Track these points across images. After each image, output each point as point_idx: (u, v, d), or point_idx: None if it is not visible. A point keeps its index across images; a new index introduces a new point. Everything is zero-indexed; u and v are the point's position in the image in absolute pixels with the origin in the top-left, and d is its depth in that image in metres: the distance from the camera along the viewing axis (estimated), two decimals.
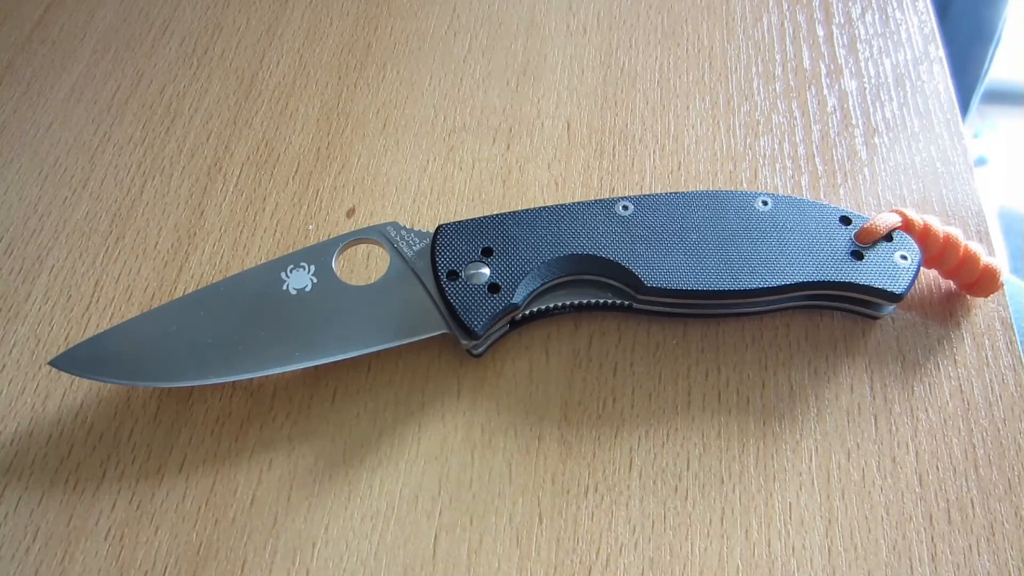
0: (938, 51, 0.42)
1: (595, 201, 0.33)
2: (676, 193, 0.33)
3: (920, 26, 0.43)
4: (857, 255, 0.31)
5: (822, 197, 0.37)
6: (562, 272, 0.32)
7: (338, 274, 0.32)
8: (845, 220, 0.32)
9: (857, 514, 0.29)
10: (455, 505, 0.29)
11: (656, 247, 0.32)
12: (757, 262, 0.31)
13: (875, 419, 0.31)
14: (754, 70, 0.41)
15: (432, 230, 0.33)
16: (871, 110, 0.39)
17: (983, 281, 0.32)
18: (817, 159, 0.38)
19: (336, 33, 0.44)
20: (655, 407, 0.31)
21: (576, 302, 0.32)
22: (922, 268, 0.33)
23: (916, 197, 0.37)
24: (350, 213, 0.37)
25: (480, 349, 0.32)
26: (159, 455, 0.31)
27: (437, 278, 0.31)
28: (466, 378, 0.32)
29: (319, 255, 0.32)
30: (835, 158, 0.38)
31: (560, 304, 0.32)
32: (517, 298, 0.31)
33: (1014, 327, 0.33)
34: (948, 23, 0.77)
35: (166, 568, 0.28)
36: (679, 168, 0.38)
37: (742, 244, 0.32)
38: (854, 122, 0.39)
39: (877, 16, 0.43)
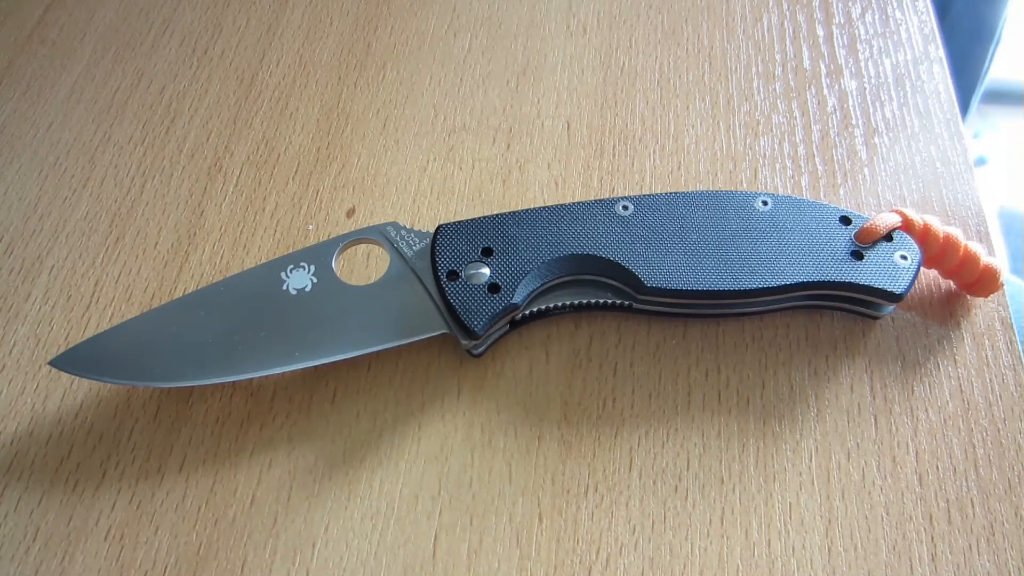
0: (938, 51, 0.42)
1: (595, 201, 0.33)
2: (676, 193, 0.33)
3: (920, 26, 0.43)
4: (857, 255, 0.31)
5: (822, 197, 0.37)
6: (562, 272, 0.32)
7: (338, 274, 0.32)
8: (845, 220, 0.32)
9: (857, 514, 0.29)
10: (455, 505, 0.29)
11: (656, 247, 0.32)
12: (757, 262, 0.31)
13: (875, 419, 0.31)
14: (754, 70, 0.41)
15: (432, 230, 0.33)
16: (871, 110, 0.39)
17: (983, 281, 0.32)
18: (817, 159, 0.38)
19: (336, 33, 0.44)
20: (655, 407, 0.31)
21: (576, 302, 0.32)
22: (922, 268, 0.33)
23: (916, 197, 0.37)
24: (350, 213, 0.37)
25: (480, 349, 0.32)
26: (159, 455, 0.31)
27: (437, 278, 0.31)
28: (466, 378, 0.32)
29: (319, 255, 0.32)
30: (835, 158, 0.38)
31: (560, 304, 0.32)
32: (517, 298, 0.31)
33: (1014, 327, 0.33)
34: (948, 23, 0.77)
35: (166, 568, 0.29)
36: (679, 168, 0.38)
37: (742, 244, 0.32)
38: (854, 122, 0.39)
39: (877, 16, 0.43)
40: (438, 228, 0.32)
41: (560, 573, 0.28)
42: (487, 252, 0.32)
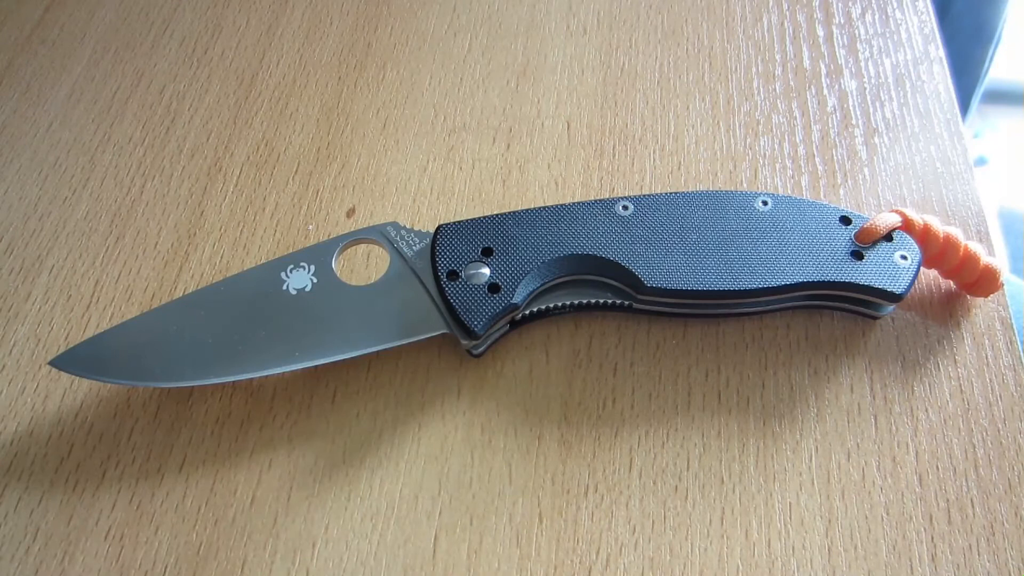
0: (938, 51, 0.42)
1: (595, 201, 0.33)
2: (676, 193, 0.33)
3: (920, 26, 0.43)
4: (857, 255, 0.31)
5: (822, 197, 0.37)
6: (562, 272, 0.32)
7: (338, 274, 0.32)
8: (845, 220, 0.32)
9: (857, 514, 0.29)
10: (455, 505, 0.29)
11: (656, 247, 0.32)
12: (757, 262, 0.31)
13: (875, 419, 0.31)
14: (754, 70, 0.41)
15: (432, 230, 0.33)
16: (871, 110, 0.39)
17: (983, 281, 0.32)
18: (817, 159, 0.38)
19: (336, 33, 0.44)
20: (655, 407, 0.31)
21: (576, 302, 0.32)
22: (922, 268, 0.33)
23: (916, 197, 0.37)
24: (350, 213, 0.37)
25: (480, 349, 0.32)
26: (159, 455, 0.31)
27: (437, 278, 0.31)
28: (466, 378, 0.32)
29: (319, 255, 0.32)
30: (835, 158, 0.38)
31: (560, 304, 0.32)
32: (517, 298, 0.31)
33: (1014, 327, 0.33)
34: (948, 23, 0.77)
35: (166, 568, 0.29)
36: (679, 168, 0.38)
37: (742, 244, 0.32)
38: (854, 122, 0.39)
39: (877, 16, 0.43)
40: (438, 228, 0.32)
41: (560, 573, 0.28)
42: (487, 252, 0.32)
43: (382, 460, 0.30)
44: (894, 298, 0.31)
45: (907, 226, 0.32)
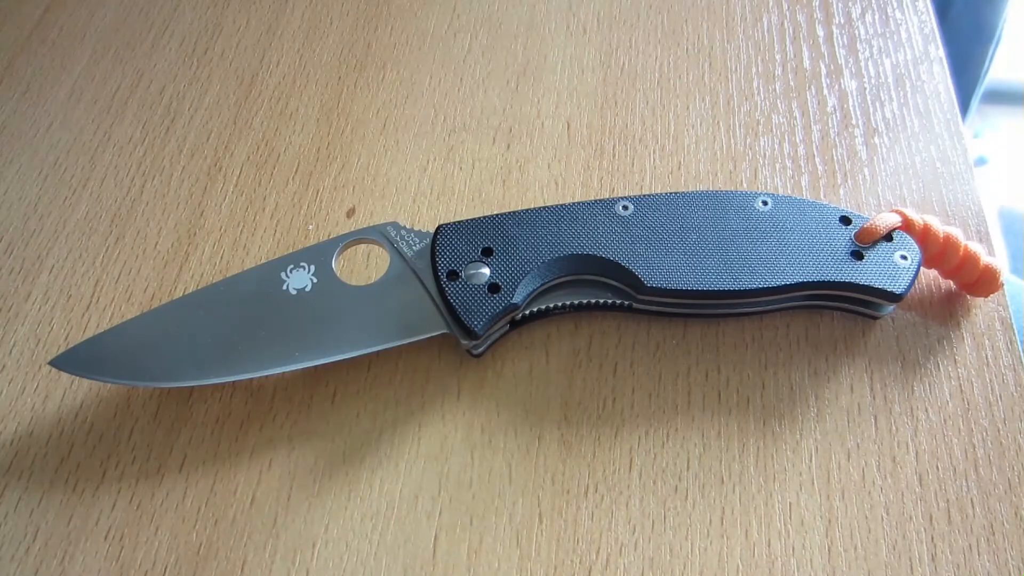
0: (938, 51, 0.42)
1: (595, 201, 0.33)
2: (676, 193, 0.33)
3: (920, 26, 0.43)
4: (857, 255, 0.31)
5: (822, 197, 0.37)
6: (562, 272, 0.32)
7: (338, 274, 0.32)
8: (845, 220, 0.32)
9: (857, 514, 0.29)
10: (455, 505, 0.29)
11: (656, 247, 0.32)
12: (757, 262, 0.31)
13: (875, 419, 0.31)
14: (754, 70, 0.41)
15: (432, 230, 0.33)
16: (871, 110, 0.39)
17: (983, 281, 0.32)
18: (817, 159, 0.38)
19: (336, 33, 0.44)
20: (655, 407, 0.31)
21: (576, 302, 0.32)
22: (922, 268, 0.33)
23: (916, 197, 0.37)
24: (350, 213, 0.37)
25: (480, 349, 0.32)
26: (159, 455, 0.31)
27: (437, 278, 0.31)
28: (466, 378, 0.32)
29: (319, 255, 0.32)
30: (835, 158, 0.38)
31: (560, 304, 0.32)
32: (517, 298, 0.31)
33: (1014, 327, 0.33)
34: (948, 23, 0.77)
35: (166, 568, 0.29)
36: (679, 168, 0.38)
37: (742, 244, 0.32)
38: (854, 122, 0.39)
39: (877, 16, 0.43)
40: (438, 228, 0.32)
41: (560, 573, 0.28)
42: (487, 252, 0.32)
43: (382, 460, 0.30)
44: (894, 298, 0.31)
45: (907, 226, 0.32)
